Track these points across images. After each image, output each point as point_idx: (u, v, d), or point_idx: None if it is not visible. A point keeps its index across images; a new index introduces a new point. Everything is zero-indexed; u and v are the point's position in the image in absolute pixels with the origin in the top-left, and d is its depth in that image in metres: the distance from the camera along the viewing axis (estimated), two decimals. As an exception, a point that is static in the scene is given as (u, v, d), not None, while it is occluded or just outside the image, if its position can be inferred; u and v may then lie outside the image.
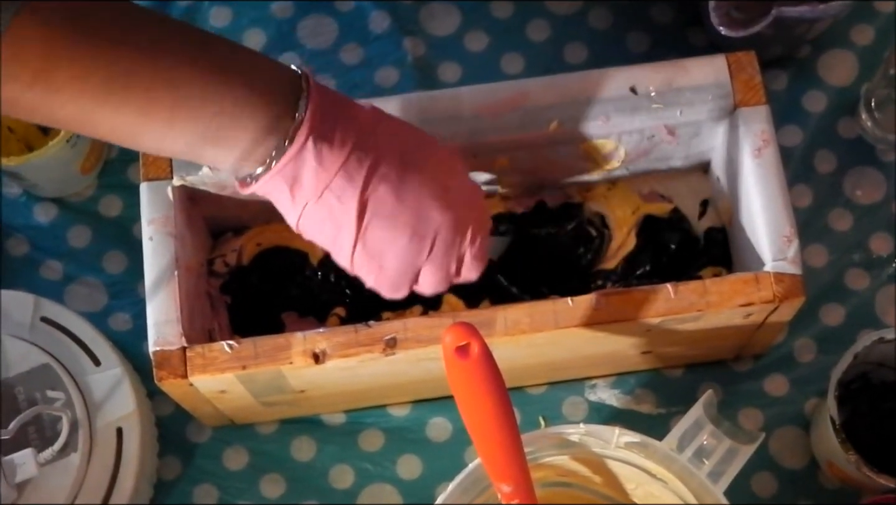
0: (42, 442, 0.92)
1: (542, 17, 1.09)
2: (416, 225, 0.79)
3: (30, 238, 1.05)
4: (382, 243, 0.79)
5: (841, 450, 0.89)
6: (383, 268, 0.80)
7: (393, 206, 0.78)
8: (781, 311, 0.88)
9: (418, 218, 0.78)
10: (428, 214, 0.79)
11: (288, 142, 0.74)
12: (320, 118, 0.75)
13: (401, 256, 0.79)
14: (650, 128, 0.92)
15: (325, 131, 0.75)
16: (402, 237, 0.79)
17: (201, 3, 1.10)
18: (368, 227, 0.78)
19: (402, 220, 0.78)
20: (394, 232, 0.78)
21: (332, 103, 0.76)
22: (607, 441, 0.83)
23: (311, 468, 1.00)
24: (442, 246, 0.80)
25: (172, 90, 0.71)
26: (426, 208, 0.79)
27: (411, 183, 0.78)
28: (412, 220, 0.78)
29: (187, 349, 0.86)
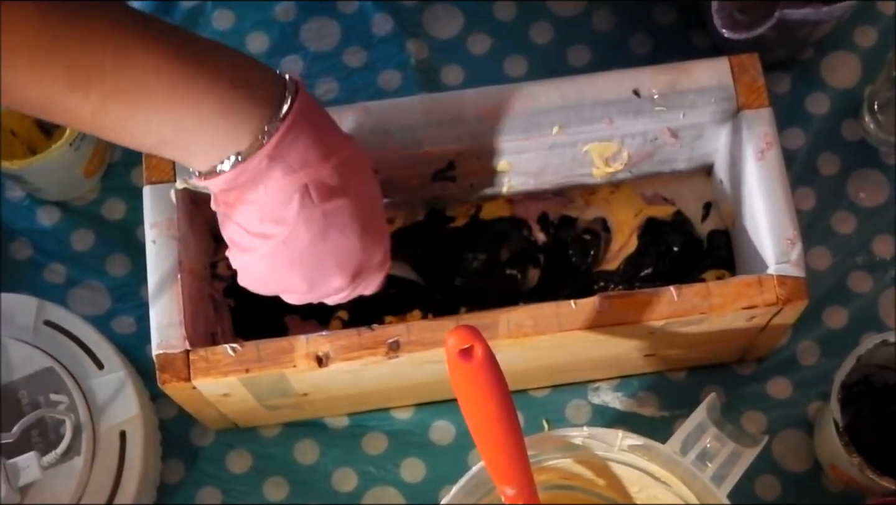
0: (45, 445, 0.92)
1: (545, 20, 1.09)
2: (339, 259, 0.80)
3: (33, 241, 1.05)
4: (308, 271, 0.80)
5: (844, 453, 0.89)
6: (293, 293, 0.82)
7: (317, 243, 0.79)
8: (785, 313, 0.88)
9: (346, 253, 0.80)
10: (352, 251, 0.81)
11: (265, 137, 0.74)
12: (306, 107, 0.76)
13: (321, 290, 0.82)
14: (653, 130, 0.92)
15: (306, 131, 0.76)
16: (323, 271, 0.80)
17: (204, 5, 1.10)
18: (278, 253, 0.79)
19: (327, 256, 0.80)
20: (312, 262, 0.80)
21: (314, 101, 0.78)
22: (610, 444, 0.83)
23: (314, 471, 1.00)
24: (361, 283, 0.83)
25: (162, 82, 0.71)
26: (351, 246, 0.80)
27: (339, 219, 0.79)
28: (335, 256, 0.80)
29: (190, 352, 0.86)
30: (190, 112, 0.72)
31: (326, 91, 1.08)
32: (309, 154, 0.76)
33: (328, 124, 0.79)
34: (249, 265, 0.80)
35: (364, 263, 0.81)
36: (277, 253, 0.79)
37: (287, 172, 0.76)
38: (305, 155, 0.76)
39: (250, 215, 0.78)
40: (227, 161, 0.75)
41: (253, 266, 0.80)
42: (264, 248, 0.79)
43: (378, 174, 0.92)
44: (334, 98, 1.07)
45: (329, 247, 0.79)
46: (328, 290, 0.82)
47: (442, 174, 0.94)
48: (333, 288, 0.82)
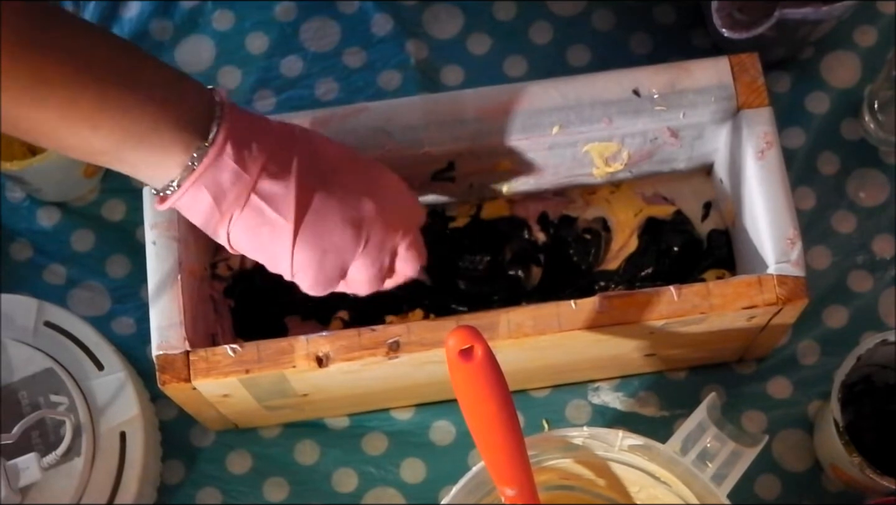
0: (45, 446, 0.92)
1: (544, 20, 1.09)
2: (346, 215, 0.80)
3: (33, 242, 1.05)
4: (317, 240, 0.80)
5: (844, 452, 0.89)
6: (322, 267, 0.81)
7: (322, 200, 0.79)
8: (785, 313, 0.88)
9: (349, 208, 0.80)
10: (358, 204, 0.81)
11: (208, 144, 0.75)
12: (237, 126, 0.77)
13: (336, 249, 0.81)
14: (653, 130, 0.92)
15: (242, 137, 0.77)
16: (335, 229, 0.80)
17: (204, 6, 1.10)
18: (302, 225, 0.79)
19: (333, 211, 0.80)
20: (327, 226, 0.80)
21: (247, 116, 0.78)
22: (611, 444, 0.83)
23: (314, 472, 1.00)
24: (375, 237, 0.82)
25: (95, 98, 0.72)
26: (355, 199, 0.80)
27: (337, 177, 0.80)
28: (343, 211, 0.80)
29: (190, 353, 0.86)
30: (116, 141, 0.73)
31: (326, 91, 1.08)
32: (247, 170, 0.77)
33: (264, 128, 0.79)
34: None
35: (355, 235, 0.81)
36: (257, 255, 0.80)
37: (228, 193, 0.77)
38: (242, 173, 0.76)
39: (215, 233, 0.80)
40: (168, 189, 0.77)
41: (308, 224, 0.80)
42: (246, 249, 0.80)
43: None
44: (334, 98, 1.07)
45: (313, 248, 0.80)
46: (344, 252, 0.81)
47: (442, 174, 0.94)
48: (346, 244, 0.81)
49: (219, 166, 0.76)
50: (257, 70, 1.08)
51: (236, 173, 0.76)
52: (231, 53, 1.09)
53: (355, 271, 0.83)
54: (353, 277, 0.83)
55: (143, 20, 1.09)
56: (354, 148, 0.89)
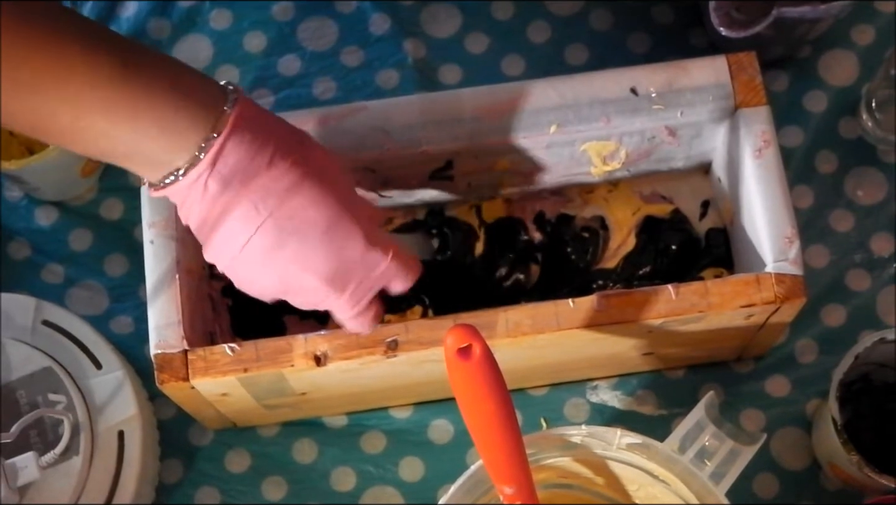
0: (44, 445, 0.92)
1: (542, 19, 1.09)
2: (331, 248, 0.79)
3: (31, 241, 1.05)
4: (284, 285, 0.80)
5: (843, 451, 0.89)
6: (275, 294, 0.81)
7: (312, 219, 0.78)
8: (783, 312, 0.88)
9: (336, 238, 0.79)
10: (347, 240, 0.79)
11: (216, 135, 0.75)
12: (246, 117, 0.76)
13: (300, 297, 0.81)
14: (651, 129, 0.92)
15: (252, 130, 0.76)
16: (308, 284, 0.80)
17: (202, 5, 1.10)
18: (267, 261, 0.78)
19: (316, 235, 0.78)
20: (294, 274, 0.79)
21: (258, 110, 0.78)
22: (609, 442, 0.83)
23: (312, 471, 1.00)
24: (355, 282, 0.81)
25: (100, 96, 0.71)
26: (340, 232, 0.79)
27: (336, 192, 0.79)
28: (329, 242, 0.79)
29: (189, 352, 0.86)
30: (127, 129, 0.73)
31: (324, 91, 1.08)
32: (251, 165, 0.76)
33: (273, 129, 0.78)
34: (229, 270, 0.81)
35: (340, 264, 0.80)
36: (239, 263, 0.79)
37: (227, 186, 0.76)
38: (246, 166, 0.76)
39: (202, 228, 0.78)
40: (170, 177, 0.76)
41: (230, 272, 0.80)
42: (225, 260, 0.79)
43: (376, 173, 0.92)
44: (332, 97, 1.07)
45: (290, 253, 0.78)
46: (308, 293, 0.81)
47: (440, 173, 0.94)
48: (311, 290, 0.80)
49: (225, 159, 0.75)
50: (255, 69, 1.08)
51: (241, 167, 0.76)
52: (229, 53, 1.09)
53: (337, 312, 0.82)
54: (338, 316, 0.83)
55: (140, 19, 1.09)
56: (352, 148, 0.89)
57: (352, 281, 0.80)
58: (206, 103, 0.75)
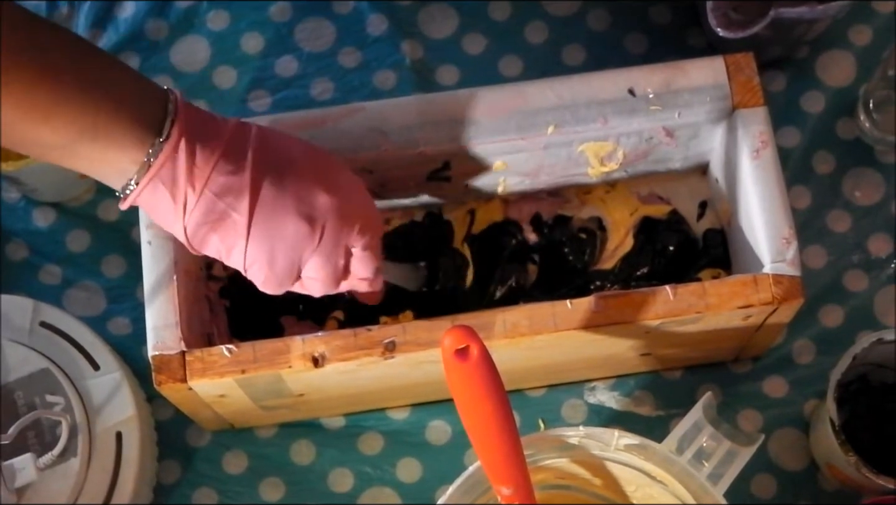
0: (41, 447, 0.92)
1: (539, 19, 1.09)
2: (300, 209, 0.80)
3: (29, 243, 1.05)
4: (271, 233, 0.79)
5: (840, 451, 0.89)
6: (275, 261, 0.81)
7: (276, 194, 0.79)
8: (780, 312, 0.88)
9: (303, 202, 0.80)
10: (312, 199, 0.80)
11: (162, 140, 0.76)
12: (192, 123, 0.77)
13: (290, 243, 0.80)
14: (648, 130, 0.92)
15: (197, 133, 0.77)
16: (289, 223, 0.79)
17: (199, 6, 1.10)
18: (255, 218, 0.79)
19: (287, 205, 0.79)
20: (280, 219, 0.79)
21: (202, 114, 0.79)
22: (607, 443, 0.83)
23: (310, 472, 1.00)
24: (330, 234, 0.81)
25: (50, 93, 0.72)
26: (310, 193, 0.80)
27: (293, 171, 0.80)
28: (297, 205, 0.79)
29: (186, 353, 0.86)
30: (70, 131, 0.74)
31: (322, 91, 1.08)
32: (196, 166, 0.77)
33: (211, 122, 0.79)
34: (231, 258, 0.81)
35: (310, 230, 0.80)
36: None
37: (187, 190, 0.77)
38: (201, 168, 0.77)
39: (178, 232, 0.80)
40: (127, 189, 0.77)
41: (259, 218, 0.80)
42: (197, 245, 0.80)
43: (374, 174, 0.92)
44: (329, 99, 1.07)
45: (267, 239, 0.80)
46: (297, 247, 0.81)
47: (437, 174, 0.94)
48: (299, 239, 0.80)
49: (174, 162, 0.76)
50: (252, 70, 1.08)
51: (190, 169, 0.76)
52: (226, 53, 1.09)
53: (310, 269, 0.82)
54: (308, 275, 0.82)
55: (138, 20, 1.09)
56: (350, 149, 0.89)
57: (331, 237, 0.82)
58: (152, 108, 0.77)
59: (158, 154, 0.76)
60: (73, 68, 0.73)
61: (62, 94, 0.73)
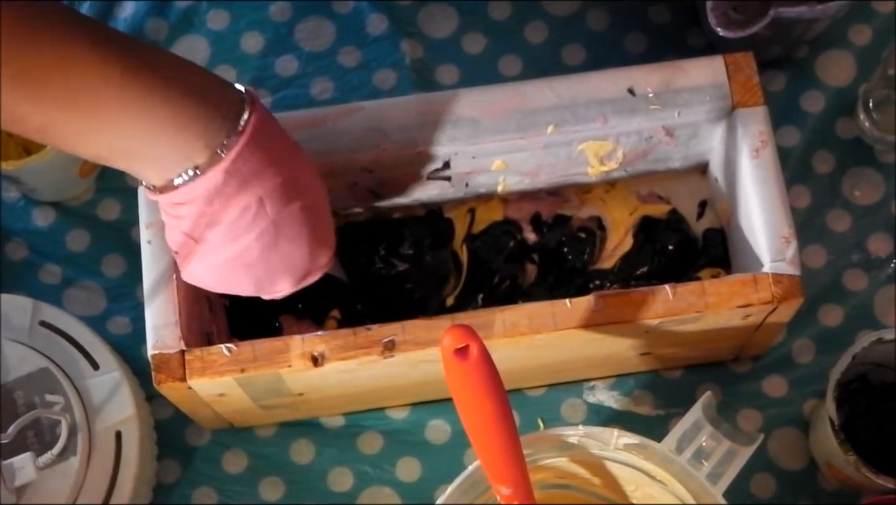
0: (41, 446, 0.92)
1: (539, 19, 1.09)
2: (299, 270, 0.82)
3: (28, 242, 1.05)
4: (266, 270, 0.81)
5: (840, 451, 0.89)
6: (254, 288, 0.83)
7: (291, 249, 0.80)
8: (780, 312, 0.88)
9: (306, 262, 0.82)
10: (316, 260, 0.83)
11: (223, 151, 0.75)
12: (262, 119, 0.77)
13: (274, 287, 0.83)
14: (648, 129, 0.92)
15: (262, 144, 0.77)
16: (283, 280, 0.82)
17: (199, 5, 1.10)
18: (259, 257, 0.80)
19: (294, 263, 0.82)
20: (278, 273, 0.81)
21: (269, 114, 0.79)
22: (606, 443, 0.83)
23: (310, 471, 1.00)
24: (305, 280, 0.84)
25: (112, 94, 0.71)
26: (315, 254, 0.82)
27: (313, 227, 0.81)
28: (302, 265, 0.82)
29: (186, 353, 0.86)
30: (143, 126, 0.73)
31: (321, 91, 1.08)
32: (264, 167, 0.77)
33: (281, 135, 0.80)
34: (198, 271, 0.81)
35: (311, 267, 0.83)
36: (228, 263, 0.80)
37: (242, 187, 0.76)
38: (260, 168, 0.76)
39: (202, 227, 0.78)
40: (183, 175, 0.75)
41: (202, 273, 0.81)
42: (214, 259, 0.79)
43: (373, 174, 0.92)
44: (329, 98, 1.07)
45: (280, 255, 0.80)
46: (273, 291, 0.84)
47: (437, 174, 0.94)
48: (278, 290, 0.83)
49: (244, 159, 0.76)
50: (252, 70, 1.08)
51: (258, 168, 0.76)
52: (226, 53, 1.09)
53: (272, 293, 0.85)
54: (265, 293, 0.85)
55: (138, 20, 1.09)
56: (350, 148, 0.89)
57: (306, 280, 0.84)
58: (224, 102, 0.76)
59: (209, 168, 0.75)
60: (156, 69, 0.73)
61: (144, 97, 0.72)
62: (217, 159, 0.75)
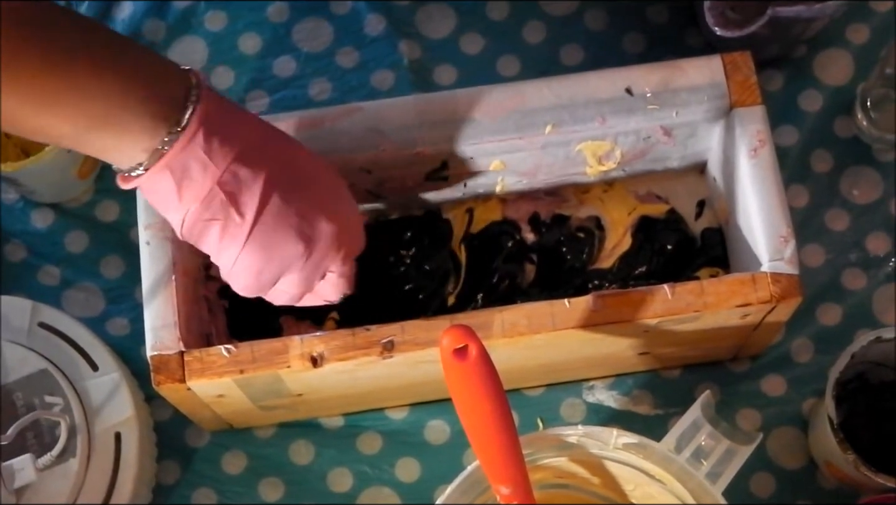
0: (40, 447, 0.92)
1: (537, 19, 1.09)
2: (302, 229, 0.80)
3: (27, 244, 1.05)
4: (268, 245, 0.79)
5: (839, 450, 0.89)
6: (262, 272, 0.81)
7: (283, 209, 0.79)
8: (778, 311, 0.88)
9: (306, 223, 0.80)
10: (316, 222, 0.80)
11: (180, 129, 0.75)
12: (213, 113, 0.76)
13: (282, 258, 0.80)
14: (646, 129, 0.92)
15: (216, 125, 0.76)
16: (288, 240, 0.79)
17: (197, 6, 1.10)
18: (257, 227, 0.78)
19: (291, 222, 0.79)
20: (281, 235, 0.79)
21: (225, 105, 0.78)
22: (605, 442, 0.83)
23: (309, 472, 1.00)
24: (318, 257, 0.81)
25: (62, 75, 0.70)
26: (315, 216, 0.80)
27: (303, 189, 0.80)
28: (300, 223, 0.79)
29: (185, 354, 0.86)
30: (85, 111, 0.72)
31: (319, 92, 1.08)
32: (211, 160, 0.76)
33: (233, 115, 0.79)
34: (234, 252, 0.80)
35: (308, 238, 0.80)
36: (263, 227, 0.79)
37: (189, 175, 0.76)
38: (206, 160, 0.76)
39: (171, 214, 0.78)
40: (139, 167, 0.76)
41: (243, 253, 0.80)
42: (243, 232, 0.79)
43: (372, 174, 0.92)
44: (327, 99, 1.07)
45: (300, 204, 0.79)
46: (318, 237, 0.81)
47: (435, 174, 0.94)
48: (323, 233, 0.81)
49: (188, 153, 0.75)
50: (250, 70, 1.08)
51: (204, 162, 0.76)
52: (224, 54, 1.09)
53: (285, 283, 0.82)
54: (281, 288, 0.83)
55: (136, 20, 1.09)
56: (348, 149, 0.89)
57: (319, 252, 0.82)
58: (172, 93, 0.75)
59: (174, 143, 0.74)
60: (85, 51, 0.72)
61: (73, 80, 0.71)
62: (158, 156, 0.75)
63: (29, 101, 0.70)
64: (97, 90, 0.72)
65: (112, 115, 0.73)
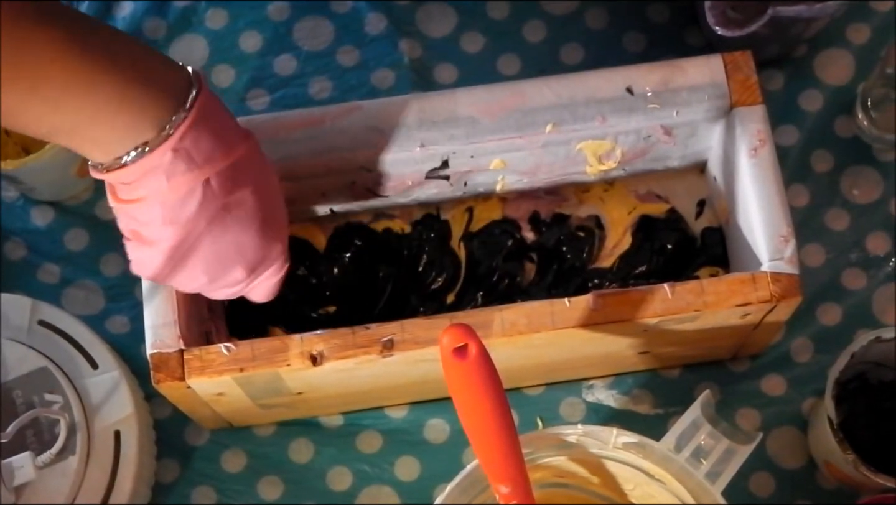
0: (40, 445, 0.92)
1: (538, 18, 1.09)
2: (249, 260, 0.82)
3: (27, 241, 1.05)
4: (215, 262, 0.80)
5: (839, 449, 0.89)
6: (207, 284, 0.83)
7: (239, 237, 0.80)
8: (778, 310, 0.88)
9: (254, 255, 0.82)
10: (267, 252, 0.83)
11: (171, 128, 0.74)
12: (208, 100, 0.77)
13: (225, 280, 0.83)
14: (647, 128, 0.92)
15: (210, 125, 0.76)
16: (236, 270, 0.82)
17: (198, 5, 1.10)
18: (207, 248, 0.79)
19: (243, 253, 0.81)
20: (229, 262, 0.81)
21: (216, 97, 0.78)
22: (605, 442, 0.83)
23: (309, 470, 1.00)
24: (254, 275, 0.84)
25: (59, 69, 0.70)
26: (268, 248, 0.82)
27: (262, 221, 0.81)
28: (251, 255, 0.82)
29: (185, 352, 0.86)
30: (89, 102, 0.72)
31: (320, 90, 1.08)
32: (212, 148, 0.76)
33: (228, 119, 0.79)
34: (148, 258, 0.80)
35: (263, 256, 0.82)
36: (179, 248, 0.79)
37: (190, 166, 0.75)
38: (209, 149, 0.76)
39: (151, 209, 0.77)
40: (132, 153, 0.75)
41: (151, 259, 0.80)
42: (165, 244, 0.78)
43: (372, 173, 0.92)
44: (328, 97, 1.07)
45: (230, 240, 0.80)
46: (227, 282, 0.83)
47: (435, 173, 0.94)
48: (232, 280, 0.83)
49: (193, 137, 0.75)
50: (251, 69, 1.08)
51: (207, 147, 0.76)
52: (224, 52, 1.09)
53: (212, 290, 0.84)
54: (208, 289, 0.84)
55: (136, 19, 1.09)
56: (348, 147, 0.89)
57: (258, 273, 0.84)
58: (171, 80, 0.75)
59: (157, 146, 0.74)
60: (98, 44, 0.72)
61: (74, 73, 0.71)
62: (164, 137, 0.74)
63: (27, 95, 0.70)
64: (98, 86, 0.72)
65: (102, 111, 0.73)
